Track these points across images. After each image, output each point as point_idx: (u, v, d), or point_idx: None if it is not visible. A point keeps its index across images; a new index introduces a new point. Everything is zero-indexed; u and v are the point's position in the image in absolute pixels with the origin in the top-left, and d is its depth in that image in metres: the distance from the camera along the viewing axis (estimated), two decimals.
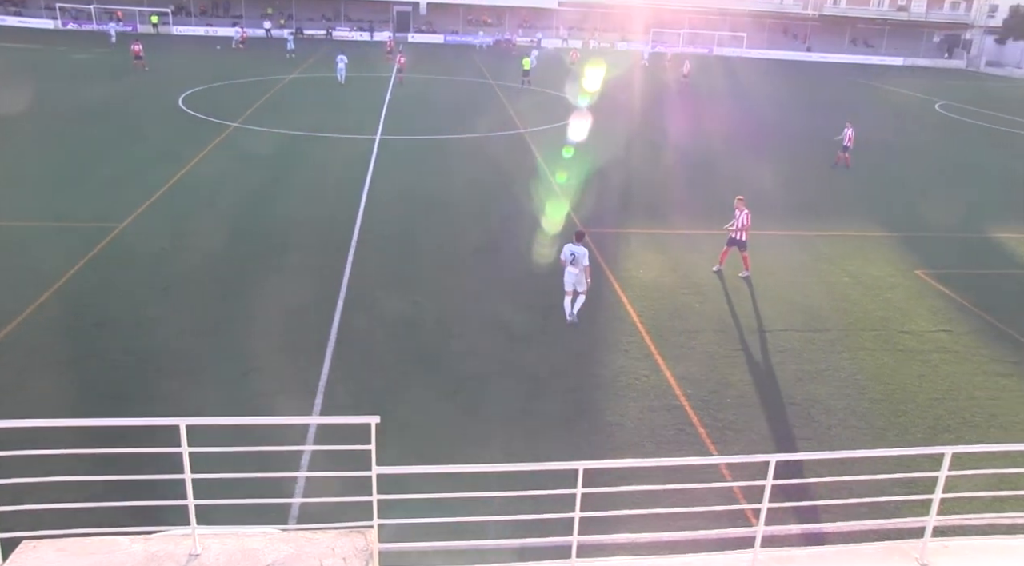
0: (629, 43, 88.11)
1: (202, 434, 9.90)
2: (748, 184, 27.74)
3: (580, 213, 22.79)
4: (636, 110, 44.03)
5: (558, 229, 21.37)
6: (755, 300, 17.28)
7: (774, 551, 7.36)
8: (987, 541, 7.91)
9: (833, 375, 14.04)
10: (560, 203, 23.86)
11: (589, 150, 31.49)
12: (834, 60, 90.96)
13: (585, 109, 42.16)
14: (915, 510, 9.02)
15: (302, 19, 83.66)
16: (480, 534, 7.98)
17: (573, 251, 15.29)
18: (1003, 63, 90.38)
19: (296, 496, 9.91)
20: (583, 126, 35.98)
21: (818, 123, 43.06)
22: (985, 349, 15.42)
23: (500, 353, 14.28)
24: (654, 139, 35.68)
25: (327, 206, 22.55)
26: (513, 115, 39.36)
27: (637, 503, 9.63)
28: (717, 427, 12.13)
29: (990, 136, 42.92)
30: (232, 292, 16.28)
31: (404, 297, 16.42)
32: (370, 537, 6.69)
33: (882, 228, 23.23)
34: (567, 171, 27.78)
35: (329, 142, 31.23)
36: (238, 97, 40.54)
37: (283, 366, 13.38)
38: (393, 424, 11.63)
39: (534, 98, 46.22)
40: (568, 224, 21.76)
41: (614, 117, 40.87)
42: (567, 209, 23.17)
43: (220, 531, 6.68)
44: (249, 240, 19.34)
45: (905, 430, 12.33)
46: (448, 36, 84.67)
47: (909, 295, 18.01)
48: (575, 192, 25.22)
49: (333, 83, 47.97)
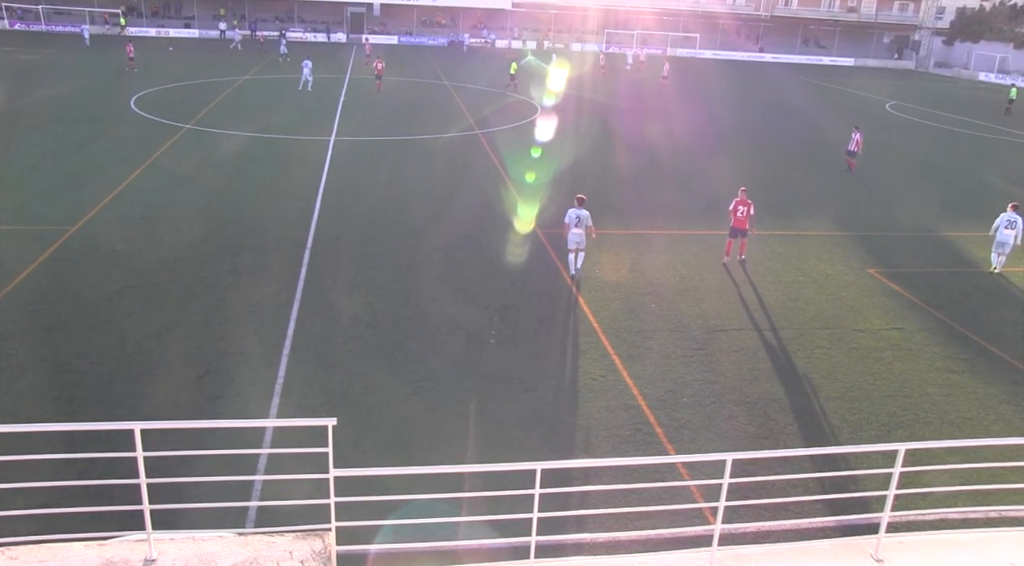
0: (583, 44, 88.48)
1: (157, 438, 9.78)
2: (702, 186, 28.07)
3: (536, 213, 22.79)
4: (595, 112, 44.19)
5: (515, 229, 21.38)
6: (710, 300, 17.41)
7: (731, 549, 7.40)
8: (940, 535, 8.03)
9: (788, 374, 14.19)
10: (516, 203, 23.85)
11: (546, 151, 31.56)
12: (786, 60, 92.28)
13: (543, 110, 42.30)
14: (870, 506, 9.15)
15: (255, 20, 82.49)
16: (439, 535, 7.91)
17: (578, 214, 17.50)
18: (951, 64, 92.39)
19: (253, 499, 9.78)
20: (540, 127, 36.04)
21: (772, 124, 43.72)
22: (937, 347, 15.71)
23: (458, 354, 14.21)
24: (612, 141, 35.83)
25: (282, 208, 22.27)
26: (469, 116, 39.29)
27: (595, 503, 9.66)
28: (674, 426, 12.18)
29: (939, 136, 43.85)
30: (187, 294, 15.99)
31: (361, 298, 16.28)
32: (328, 540, 6.63)
33: (835, 227, 23.59)
34: (523, 172, 27.79)
35: (284, 143, 30.86)
36: (192, 99, 39.90)
37: (239, 369, 13.18)
38: (351, 426, 11.52)
39: (493, 100, 46.18)
40: (523, 223, 21.77)
41: (573, 118, 41.01)
42: (523, 209, 23.15)
43: (176, 536, 6.58)
44: (203, 242, 19.02)
45: (860, 427, 12.50)
46: (402, 37, 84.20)
47: (862, 294, 18.30)
48: (531, 192, 25.24)
49: (288, 84, 47.42)
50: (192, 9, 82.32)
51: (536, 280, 17.97)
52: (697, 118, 44.40)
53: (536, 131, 36.23)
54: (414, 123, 36.74)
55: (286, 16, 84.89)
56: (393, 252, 19.19)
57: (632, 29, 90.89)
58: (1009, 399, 13.73)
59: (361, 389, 12.78)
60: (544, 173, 27.64)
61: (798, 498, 8.65)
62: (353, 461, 10.00)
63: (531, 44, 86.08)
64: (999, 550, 7.53)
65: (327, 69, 55.95)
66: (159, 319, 14.83)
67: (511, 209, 23.32)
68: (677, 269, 19.10)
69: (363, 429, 11.58)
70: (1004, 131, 46.54)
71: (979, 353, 15.49)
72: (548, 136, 34.80)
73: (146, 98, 39.34)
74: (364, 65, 57.77)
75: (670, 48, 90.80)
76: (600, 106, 45.87)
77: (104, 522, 6.62)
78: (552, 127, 36.79)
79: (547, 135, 35.00)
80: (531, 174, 27.37)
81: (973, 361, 15.16)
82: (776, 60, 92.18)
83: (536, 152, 30.93)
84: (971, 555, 7.45)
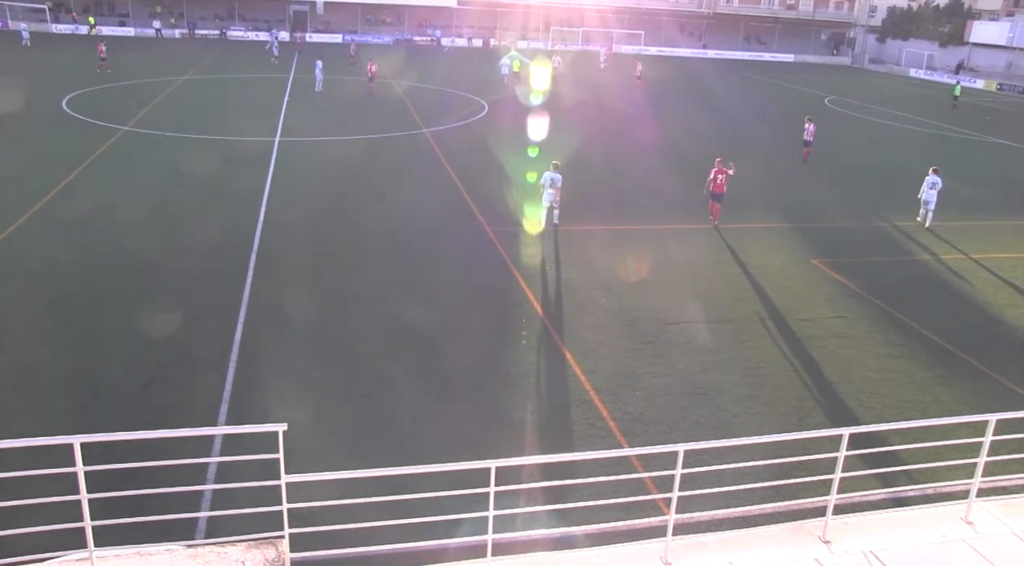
0: (529, 42, 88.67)
1: (100, 452, 9.54)
2: (650, 180, 28.39)
3: (484, 211, 22.81)
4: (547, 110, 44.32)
5: (465, 228, 21.37)
6: (660, 293, 17.61)
7: (685, 538, 7.51)
8: (882, 514, 8.27)
9: (737, 364, 14.43)
10: (464, 202, 23.83)
11: (494, 149, 31.58)
12: (729, 57, 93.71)
13: (492, 108, 42.31)
14: (817, 490, 9.35)
15: (194, 18, 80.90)
16: (394, 538, 7.87)
17: (552, 176, 20.86)
18: (884, 60, 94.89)
19: (203, 510, 9.59)
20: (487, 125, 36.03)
21: (717, 119, 44.35)
22: (878, 334, 16.13)
23: (409, 354, 14.15)
24: (562, 138, 35.97)
25: (227, 211, 21.90)
26: (416, 115, 39.12)
27: (550, 499, 9.71)
28: (627, 420, 12.30)
29: (876, 130, 44.98)
30: (129, 302, 15.63)
31: (310, 301, 16.10)
32: (281, 547, 6.56)
33: (779, 220, 24.05)
34: (471, 170, 27.79)
35: (227, 145, 30.33)
36: (129, 100, 38.93)
37: (185, 377, 12.92)
38: (302, 431, 11.38)
39: (439, 98, 46.04)
40: (473, 221, 21.77)
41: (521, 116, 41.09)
42: (471, 208, 23.14)
43: (121, 552, 6.42)
44: (144, 247, 18.59)
45: (807, 414, 12.78)
46: (347, 36, 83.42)
47: (806, 284, 18.69)
48: (479, 190, 25.23)
49: (229, 84, 46.70)
50: (127, 7, 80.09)
51: (487, 278, 17.99)
52: (651, 115, 44.84)
53: (479, 130, 36.21)
54: (359, 122, 36.45)
55: (226, 14, 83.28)
56: (342, 254, 19.03)
57: (578, 26, 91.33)
58: (944, 381, 14.18)
59: (312, 393, 12.65)
60: (488, 171, 27.66)
61: (749, 485, 8.82)
62: (306, 466, 9.88)
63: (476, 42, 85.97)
64: (935, 524, 7.83)
65: (269, 68, 55.24)
66: (100, 328, 14.47)
67: (458, 207, 23.29)
68: (627, 264, 19.29)
69: (315, 433, 11.46)
70: (939, 126, 47.91)
71: (916, 338, 15.95)
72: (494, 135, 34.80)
73: (79, 99, 38.26)
74: (351, 65, 56.59)
75: (615, 45, 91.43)
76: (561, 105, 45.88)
77: (42, 542, 6.43)
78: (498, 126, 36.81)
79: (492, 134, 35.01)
80: (473, 172, 27.36)
81: (911, 346, 15.60)
82: (719, 57, 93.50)
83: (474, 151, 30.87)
84: (910, 531, 7.72)
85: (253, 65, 56.99)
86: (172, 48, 66.38)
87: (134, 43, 68.55)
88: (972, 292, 18.81)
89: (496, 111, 42.11)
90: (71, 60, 54.59)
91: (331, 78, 47.52)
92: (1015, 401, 13.48)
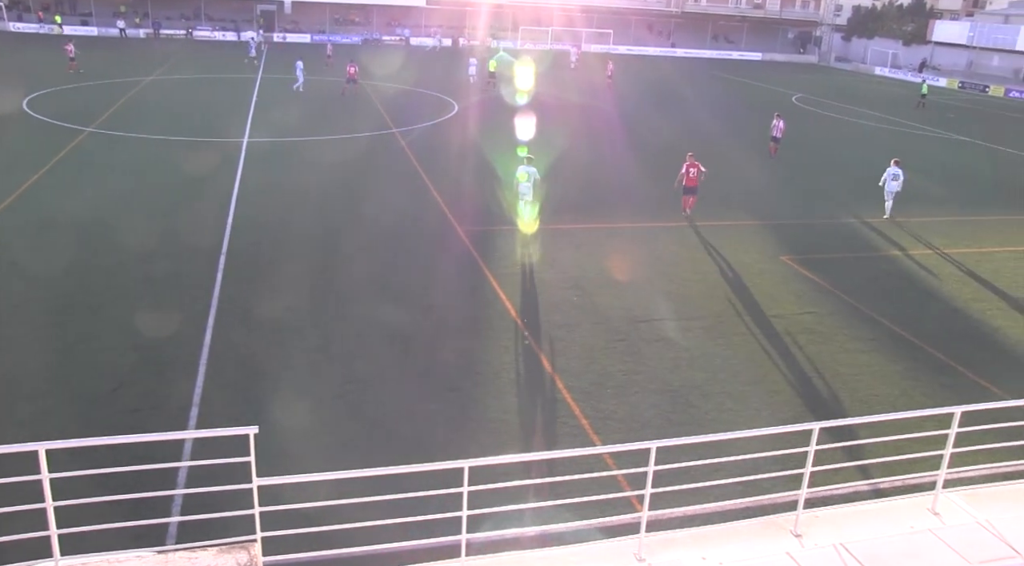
0: (499, 41, 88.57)
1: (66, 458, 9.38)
2: (621, 179, 28.49)
3: (454, 211, 22.77)
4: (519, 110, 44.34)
5: (436, 227, 21.31)
6: (632, 291, 17.68)
7: (658, 535, 7.55)
8: (852, 507, 8.36)
9: (709, 361, 14.52)
10: (434, 202, 23.77)
11: (464, 149, 31.54)
12: (697, 56, 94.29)
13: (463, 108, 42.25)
14: (788, 485, 9.43)
15: (159, 18, 79.77)
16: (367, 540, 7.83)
17: (527, 169, 21.30)
18: (850, 59, 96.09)
19: (174, 515, 9.47)
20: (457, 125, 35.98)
21: (690, 117, 44.63)
22: (846, 329, 16.31)
23: (381, 354, 14.08)
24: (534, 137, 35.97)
25: (195, 213, 21.63)
26: (385, 115, 38.95)
27: (524, 498, 9.71)
28: (599, 417, 12.33)
29: (844, 127, 45.51)
30: (97, 305, 15.39)
31: (281, 302, 15.96)
32: (254, 551, 6.50)
33: (749, 217, 24.25)
34: (441, 170, 27.73)
35: (194, 146, 29.95)
36: (93, 100, 38.34)
37: (155, 380, 12.76)
38: (274, 433, 11.29)
39: (408, 98, 45.87)
40: (444, 223, 21.74)
41: (492, 116, 41.10)
42: (442, 208, 23.09)
43: (88, 560, 6.33)
44: (112, 250, 18.34)
45: (778, 409, 12.90)
46: (315, 36, 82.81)
47: (776, 280, 18.86)
48: (449, 191, 25.19)
49: (196, 84, 46.20)
50: (89, 5, 78.59)
51: (458, 278, 17.95)
52: (622, 113, 45.01)
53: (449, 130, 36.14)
54: (328, 123, 36.21)
55: (192, 13, 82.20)
56: (312, 254, 18.90)
57: (547, 26, 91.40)
58: (912, 375, 14.38)
59: (284, 395, 12.54)
60: (459, 171, 27.63)
61: (721, 481, 8.84)
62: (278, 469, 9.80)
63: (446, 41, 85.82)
64: (903, 516, 7.95)
65: (237, 69, 54.72)
66: (67, 333, 14.23)
67: (428, 207, 23.22)
68: (598, 262, 19.33)
69: (287, 436, 11.36)
70: (904, 123, 48.57)
71: (885, 333, 16.15)
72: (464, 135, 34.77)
73: (41, 100, 37.55)
74: (326, 66, 56.00)
75: (584, 44, 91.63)
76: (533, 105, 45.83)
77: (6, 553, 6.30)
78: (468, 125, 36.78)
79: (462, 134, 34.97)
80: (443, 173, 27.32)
81: (879, 341, 15.79)
82: (688, 55, 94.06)
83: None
84: (878, 523, 7.82)
85: (220, 65, 56.40)
86: (137, 48, 65.50)
87: (97, 43, 67.40)
88: (938, 287, 19.09)
89: (467, 111, 42.05)
90: (33, 59, 53.69)
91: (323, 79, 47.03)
92: (980, 393, 13.71)
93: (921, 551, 7.33)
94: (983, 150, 40.65)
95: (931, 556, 7.27)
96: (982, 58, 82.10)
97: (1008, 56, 79.07)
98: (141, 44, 70.47)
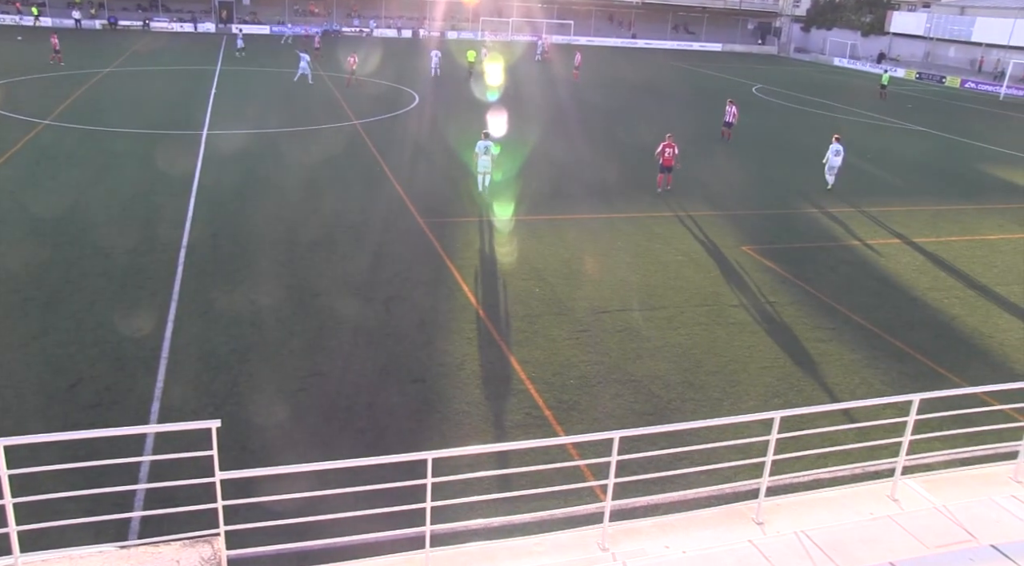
0: (459, 32, 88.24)
1: (25, 454, 9.20)
2: (580, 170, 28.55)
3: (416, 203, 22.65)
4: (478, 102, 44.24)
5: (396, 219, 21.19)
6: (593, 282, 17.73)
7: (622, 524, 7.59)
8: (813, 495, 8.48)
9: (671, 351, 14.61)
10: (396, 194, 23.63)
11: (425, 140, 31.38)
12: (658, 46, 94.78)
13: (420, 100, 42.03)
14: (750, 473, 9.54)
15: (115, 9, 78.14)
16: (332, 533, 7.79)
17: (486, 144, 22.73)
18: (809, 49, 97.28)
19: (136, 510, 9.33)
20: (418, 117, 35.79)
21: (648, 108, 44.82)
22: (807, 318, 16.51)
23: (343, 347, 13.98)
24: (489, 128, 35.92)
25: (154, 206, 21.27)
26: (346, 107, 38.61)
27: (488, 488, 9.71)
28: (562, 408, 12.36)
29: (803, 118, 46.02)
30: (54, 300, 15.06)
31: (241, 296, 15.77)
32: (217, 545, 6.45)
33: (710, 207, 24.43)
34: (403, 161, 27.58)
35: (153, 138, 29.41)
36: (48, 92, 37.54)
37: (115, 374, 12.53)
38: (236, 427, 11.18)
39: (368, 90, 45.50)
40: (406, 214, 21.62)
41: (449, 107, 40.93)
42: (404, 200, 22.96)
43: (49, 556, 6.24)
44: (70, 244, 17.97)
45: (739, 399, 13.02)
46: (274, 27, 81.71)
47: (737, 270, 19.03)
48: (410, 183, 25.06)
49: (154, 76, 45.34)
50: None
51: (420, 270, 17.85)
52: (583, 104, 45.06)
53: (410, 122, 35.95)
54: (287, 115, 35.80)
55: (149, 4, 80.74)
56: (273, 247, 18.68)
57: (508, 16, 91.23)
58: (871, 364, 14.59)
59: (246, 389, 12.40)
60: (419, 162, 27.48)
61: (684, 470, 8.93)
62: (240, 463, 9.70)
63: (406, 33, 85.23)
64: (863, 503, 8.08)
65: (195, 60, 53.86)
66: (23, 328, 13.93)
67: (391, 199, 23.07)
68: (559, 254, 19.35)
69: (249, 429, 11.25)
70: (863, 114, 49.24)
71: (844, 322, 16.38)
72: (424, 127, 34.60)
73: None
74: (316, 58, 54.90)
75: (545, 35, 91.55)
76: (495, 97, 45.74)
77: None
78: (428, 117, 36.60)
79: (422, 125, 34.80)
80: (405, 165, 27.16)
81: (839, 330, 16.01)
82: (648, 46, 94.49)
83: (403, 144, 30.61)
84: (839, 510, 7.95)
85: (178, 57, 55.49)
86: (93, 39, 64.19)
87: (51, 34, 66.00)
88: (897, 276, 19.39)
89: (428, 102, 41.86)
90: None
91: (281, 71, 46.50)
92: (937, 381, 13.97)
93: (881, 537, 7.45)
94: (940, 140, 41.37)
95: (890, 542, 7.39)
96: (939, 49, 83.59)
97: (964, 47, 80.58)
98: (97, 35, 69.15)
